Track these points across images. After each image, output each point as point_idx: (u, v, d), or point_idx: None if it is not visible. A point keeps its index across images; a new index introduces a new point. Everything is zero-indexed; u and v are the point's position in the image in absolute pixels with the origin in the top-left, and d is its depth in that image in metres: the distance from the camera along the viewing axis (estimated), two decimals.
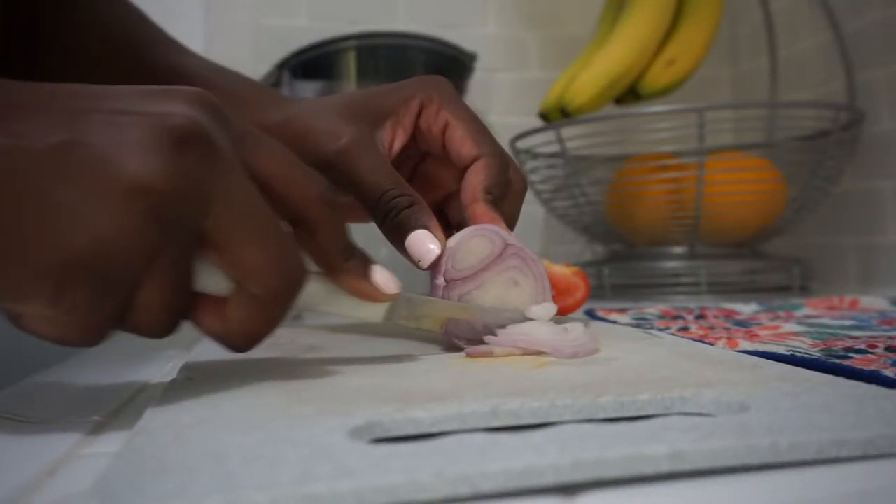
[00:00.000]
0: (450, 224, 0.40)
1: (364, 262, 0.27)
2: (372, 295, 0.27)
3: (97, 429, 0.23)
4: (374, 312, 0.29)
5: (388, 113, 0.36)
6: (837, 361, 0.28)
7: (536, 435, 0.18)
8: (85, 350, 0.41)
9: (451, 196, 0.39)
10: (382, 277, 0.28)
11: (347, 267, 0.27)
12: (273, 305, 0.23)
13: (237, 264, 0.22)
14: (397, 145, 0.37)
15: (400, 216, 0.33)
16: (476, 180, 0.35)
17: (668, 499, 0.16)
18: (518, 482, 0.15)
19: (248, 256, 0.22)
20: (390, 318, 0.30)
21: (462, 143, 0.35)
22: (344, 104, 0.36)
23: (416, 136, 0.37)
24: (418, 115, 0.36)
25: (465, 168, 0.36)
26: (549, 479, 0.16)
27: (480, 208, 0.34)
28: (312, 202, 0.25)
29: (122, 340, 0.45)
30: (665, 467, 0.16)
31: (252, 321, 0.23)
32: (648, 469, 0.16)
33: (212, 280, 0.24)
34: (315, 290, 0.27)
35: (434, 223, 0.33)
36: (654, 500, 0.16)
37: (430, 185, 0.39)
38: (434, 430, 0.20)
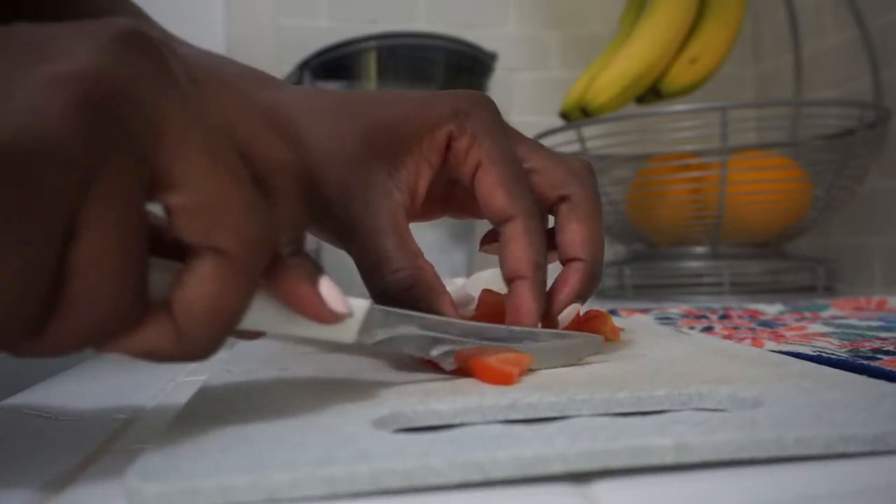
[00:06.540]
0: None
1: (312, 266, 0.21)
2: (313, 306, 0.20)
3: (124, 426, 0.23)
4: (342, 330, 0.22)
5: (410, 144, 0.29)
6: (865, 363, 0.27)
7: (550, 427, 0.18)
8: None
9: None
10: (329, 290, 0.21)
11: (292, 263, 0.20)
12: (247, 265, 0.18)
13: (202, 206, 0.17)
14: (423, 185, 0.30)
15: (399, 298, 0.27)
16: (518, 252, 0.28)
17: (677, 490, 0.16)
18: (527, 470, 0.16)
19: (217, 192, 0.17)
20: (365, 338, 0.23)
21: (493, 194, 0.29)
22: (364, 132, 0.30)
23: (444, 164, 0.31)
24: (447, 148, 0.30)
25: (496, 222, 0.29)
26: (557, 468, 0.16)
27: (526, 297, 0.28)
28: (281, 166, 0.20)
29: None
30: (670, 459, 0.17)
31: (223, 295, 0.18)
32: (654, 460, 0.17)
33: (156, 275, 0.18)
34: (266, 304, 0.21)
35: (446, 300, 0.28)
36: (664, 490, 0.16)
37: (469, 203, 0.33)
38: (455, 421, 0.21)
